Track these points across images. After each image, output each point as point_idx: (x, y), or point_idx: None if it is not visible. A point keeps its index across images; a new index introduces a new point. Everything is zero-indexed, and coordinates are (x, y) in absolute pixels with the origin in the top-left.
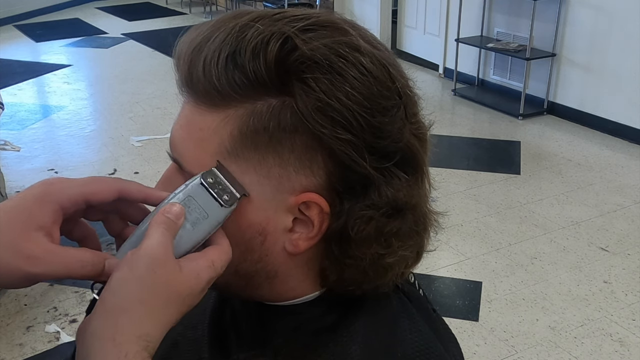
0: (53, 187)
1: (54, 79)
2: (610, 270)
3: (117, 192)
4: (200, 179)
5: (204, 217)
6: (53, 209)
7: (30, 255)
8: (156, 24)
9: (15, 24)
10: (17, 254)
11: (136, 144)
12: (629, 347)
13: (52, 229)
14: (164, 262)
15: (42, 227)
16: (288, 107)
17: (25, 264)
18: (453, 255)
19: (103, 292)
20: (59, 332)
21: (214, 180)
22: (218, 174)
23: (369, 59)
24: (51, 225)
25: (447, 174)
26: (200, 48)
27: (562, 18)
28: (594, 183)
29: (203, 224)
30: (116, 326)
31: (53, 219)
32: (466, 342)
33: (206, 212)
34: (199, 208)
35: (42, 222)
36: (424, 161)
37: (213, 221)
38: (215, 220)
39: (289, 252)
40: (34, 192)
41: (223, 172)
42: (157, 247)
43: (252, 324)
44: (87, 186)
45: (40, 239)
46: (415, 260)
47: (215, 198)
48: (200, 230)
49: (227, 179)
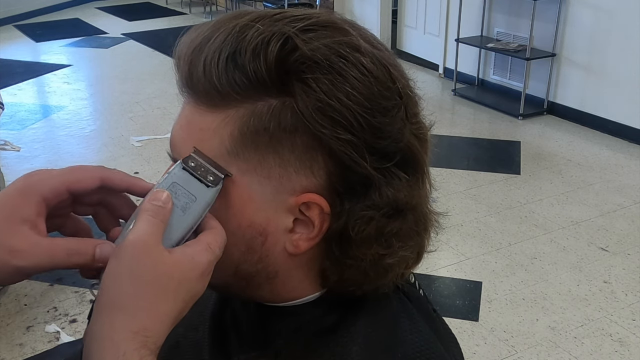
0: (34, 179)
1: (54, 79)
2: (610, 270)
3: (100, 180)
4: (181, 164)
5: (193, 200)
6: (36, 201)
7: (15, 248)
8: (156, 24)
9: (15, 24)
10: (3, 248)
11: (136, 144)
12: (629, 347)
13: (36, 221)
14: (150, 250)
15: (26, 220)
16: (288, 108)
17: (12, 257)
18: (453, 255)
19: (98, 290)
20: (59, 332)
21: (196, 163)
22: (197, 158)
23: (370, 59)
24: (35, 217)
25: (447, 174)
26: (201, 48)
27: (562, 18)
28: (594, 183)
29: (193, 207)
30: (112, 324)
31: (37, 211)
32: (466, 342)
33: (194, 195)
34: (186, 192)
35: (25, 215)
36: (424, 161)
37: (202, 203)
38: (204, 201)
39: (290, 252)
40: (15, 186)
41: (202, 156)
42: (142, 235)
43: (253, 325)
44: (68, 175)
45: (26, 232)
46: (416, 260)
47: (200, 180)
48: (191, 214)
49: (206, 161)
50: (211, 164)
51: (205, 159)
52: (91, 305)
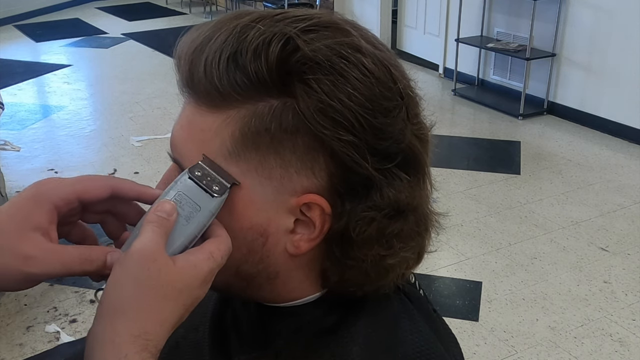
0: (45, 187)
1: (54, 79)
2: (610, 270)
3: (110, 190)
4: (188, 173)
5: (197, 209)
6: (47, 209)
7: (29, 255)
8: (156, 24)
9: (15, 24)
10: (16, 255)
11: (136, 144)
12: (629, 347)
13: (49, 228)
14: (155, 258)
15: (39, 227)
16: (289, 108)
17: (24, 264)
18: (453, 255)
19: (102, 295)
20: (59, 332)
21: (202, 172)
22: (205, 166)
23: (371, 60)
24: (47, 225)
25: (447, 174)
26: (202, 48)
27: (562, 18)
28: (594, 183)
29: (196, 216)
30: (114, 328)
31: (49, 219)
32: (466, 342)
33: (198, 205)
34: (191, 202)
35: (38, 223)
36: (425, 162)
37: (206, 212)
38: (208, 211)
39: (291, 253)
40: (27, 194)
41: (210, 164)
42: (148, 244)
43: (253, 326)
44: (79, 184)
45: (38, 238)
46: (417, 261)
47: (205, 189)
48: (194, 223)
49: (214, 170)
50: (219, 172)
51: (214, 167)
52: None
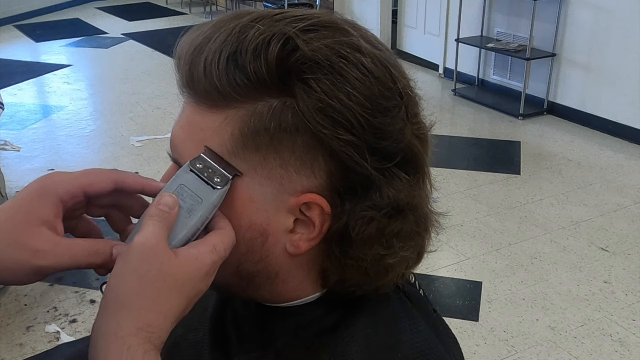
0: (50, 181)
1: (54, 79)
2: (610, 270)
3: (114, 183)
4: (189, 165)
5: (198, 202)
6: (53, 203)
7: (38, 248)
8: (156, 24)
9: (15, 24)
10: (24, 249)
11: (136, 144)
12: (629, 347)
13: (55, 222)
14: (156, 251)
15: (46, 221)
16: (289, 108)
17: (34, 258)
18: (453, 255)
19: (104, 289)
20: (59, 332)
21: (203, 165)
22: (206, 158)
23: (370, 60)
24: (54, 218)
25: (447, 174)
26: (201, 48)
27: (562, 18)
28: (594, 183)
29: (198, 209)
30: (117, 321)
31: (55, 213)
32: (466, 342)
33: (199, 197)
34: (192, 194)
35: (44, 217)
36: (425, 162)
37: (208, 204)
38: (209, 203)
39: (290, 252)
40: (32, 188)
41: (212, 155)
42: (149, 237)
43: (253, 326)
44: (83, 177)
45: (46, 232)
46: (416, 260)
47: (206, 182)
48: (196, 216)
49: (216, 162)
50: (220, 164)
51: (215, 159)
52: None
